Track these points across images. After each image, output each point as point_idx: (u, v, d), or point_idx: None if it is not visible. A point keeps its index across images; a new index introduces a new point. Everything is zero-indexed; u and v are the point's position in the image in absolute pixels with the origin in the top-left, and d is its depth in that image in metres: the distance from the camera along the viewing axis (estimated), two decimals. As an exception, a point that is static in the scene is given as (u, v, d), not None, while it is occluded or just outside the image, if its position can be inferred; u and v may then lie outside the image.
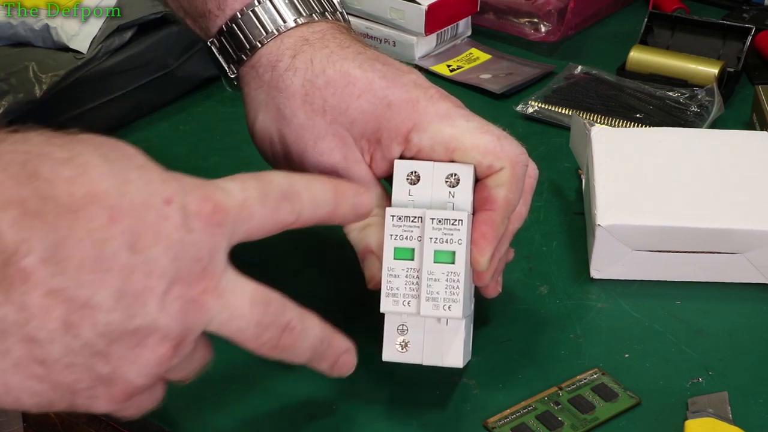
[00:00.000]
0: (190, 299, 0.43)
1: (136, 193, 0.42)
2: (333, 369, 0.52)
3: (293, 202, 0.48)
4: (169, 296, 0.42)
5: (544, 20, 0.99)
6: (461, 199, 0.55)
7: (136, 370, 0.43)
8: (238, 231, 0.46)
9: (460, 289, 0.54)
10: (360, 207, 0.52)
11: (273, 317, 0.46)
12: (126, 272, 0.41)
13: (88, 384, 0.42)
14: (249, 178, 0.47)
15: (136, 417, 0.46)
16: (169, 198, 0.43)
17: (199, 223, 0.43)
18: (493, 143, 0.55)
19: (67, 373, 0.41)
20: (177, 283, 0.43)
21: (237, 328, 0.45)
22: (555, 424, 0.56)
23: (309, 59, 0.58)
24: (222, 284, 0.45)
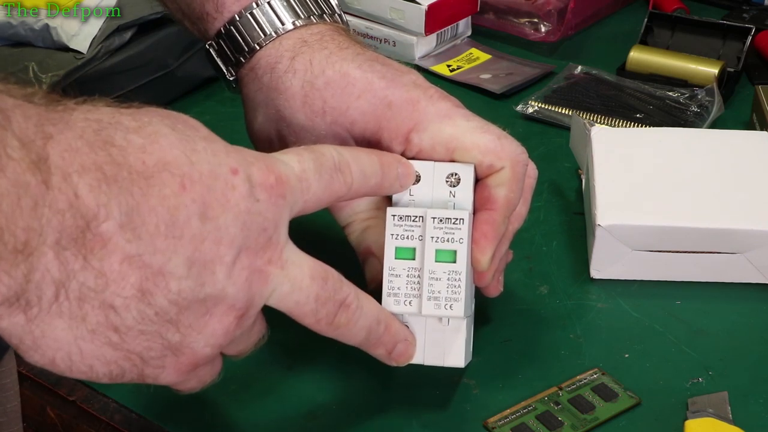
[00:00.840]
0: (255, 269, 0.44)
1: (204, 162, 0.43)
2: (390, 356, 0.53)
3: (345, 174, 0.50)
4: (237, 265, 0.43)
5: (544, 20, 0.99)
6: (462, 199, 0.55)
7: (204, 340, 0.43)
8: (298, 203, 0.47)
9: (461, 288, 0.54)
10: (404, 177, 0.54)
11: (331, 292, 0.47)
12: (197, 240, 0.42)
13: (158, 352, 0.43)
14: (303, 150, 0.49)
15: (196, 390, 0.47)
16: (234, 168, 0.44)
17: (264, 194, 0.44)
18: (493, 143, 0.55)
19: (140, 340, 0.42)
20: (244, 252, 0.43)
21: (296, 301, 0.46)
22: (555, 424, 0.56)
23: (308, 60, 0.58)
24: (284, 256, 0.45)
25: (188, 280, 0.42)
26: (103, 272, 0.40)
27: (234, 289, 0.43)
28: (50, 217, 0.38)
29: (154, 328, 0.42)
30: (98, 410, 0.60)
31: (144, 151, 0.41)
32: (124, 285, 0.41)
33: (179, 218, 0.41)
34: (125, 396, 0.60)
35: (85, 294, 0.40)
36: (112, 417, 0.59)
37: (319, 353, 0.62)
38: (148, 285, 0.41)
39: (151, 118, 0.43)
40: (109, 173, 0.40)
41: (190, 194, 0.42)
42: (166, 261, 0.41)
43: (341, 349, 0.62)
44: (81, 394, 0.61)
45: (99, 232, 0.40)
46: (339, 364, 0.61)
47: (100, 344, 0.41)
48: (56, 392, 0.61)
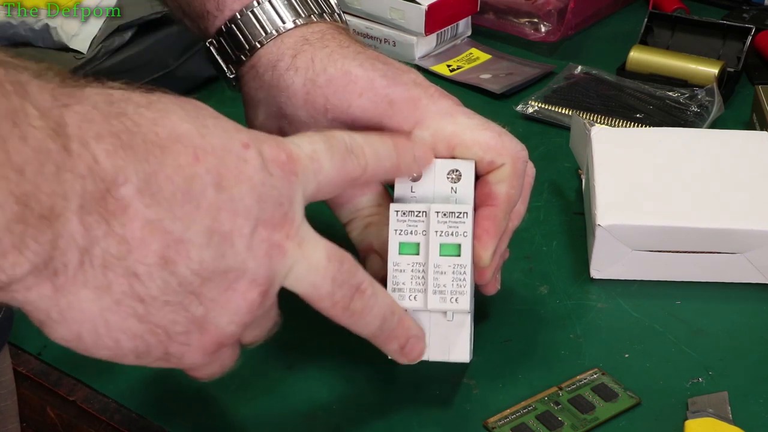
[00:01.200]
0: (274, 243, 0.44)
1: (215, 136, 0.43)
2: (402, 351, 0.52)
3: (358, 156, 0.50)
4: (255, 238, 0.43)
5: (544, 20, 0.99)
6: (463, 195, 0.55)
7: (228, 316, 0.43)
8: (311, 183, 0.47)
9: (466, 281, 0.54)
10: (421, 159, 0.54)
11: (347, 275, 0.47)
12: (214, 210, 0.42)
13: (183, 327, 0.43)
14: (313, 134, 0.49)
15: (216, 376, 0.47)
16: (246, 143, 0.44)
17: (277, 169, 0.44)
18: (494, 139, 0.56)
19: (165, 312, 0.42)
20: (261, 225, 0.43)
21: (312, 282, 0.46)
22: (555, 424, 0.56)
23: (310, 58, 0.58)
24: (301, 233, 0.45)
25: (209, 249, 0.42)
26: (125, 238, 0.40)
27: (255, 263, 0.43)
28: (72, 182, 0.39)
29: (178, 299, 0.42)
30: (98, 410, 0.60)
31: (156, 124, 0.41)
32: (146, 252, 0.40)
33: (195, 187, 0.41)
34: (125, 396, 0.60)
35: (109, 261, 0.40)
36: (112, 417, 0.59)
37: (320, 352, 0.62)
38: (170, 253, 0.41)
39: (159, 97, 0.43)
40: (125, 140, 0.40)
41: (204, 165, 0.42)
42: (185, 229, 0.41)
43: (341, 348, 0.62)
44: (81, 394, 0.61)
45: (119, 196, 0.40)
46: (339, 364, 0.61)
47: (125, 315, 0.41)
48: (56, 392, 0.61)
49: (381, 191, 0.59)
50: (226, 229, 0.42)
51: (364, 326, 0.50)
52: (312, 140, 0.48)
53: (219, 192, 0.42)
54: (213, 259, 0.42)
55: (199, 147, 0.42)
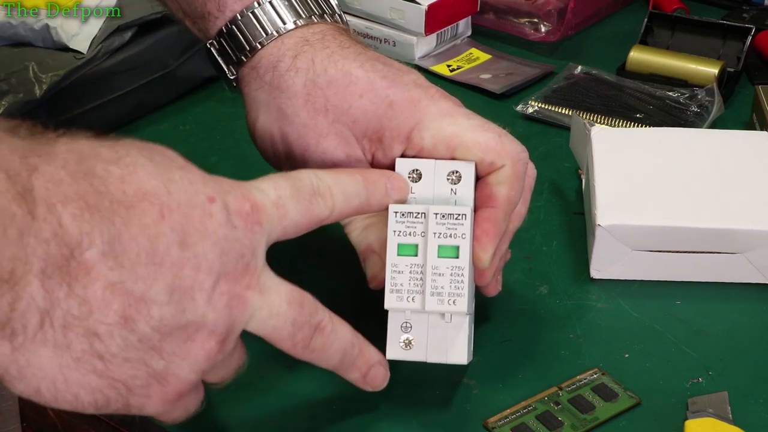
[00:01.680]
0: (234, 295, 0.45)
1: (181, 191, 0.43)
2: (365, 380, 0.53)
3: (325, 197, 0.50)
4: (216, 291, 0.44)
5: (544, 20, 0.99)
6: (463, 196, 0.55)
7: (188, 366, 0.44)
8: (275, 229, 0.48)
9: (464, 283, 0.54)
10: (394, 191, 0.54)
11: (307, 317, 0.48)
12: (177, 267, 0.42)
13: (143, 381, 0.43)
14: (279, 177, 0.49)
15: (181, 420, 0.47)
16: (211, 197, 0.44)
17: (241, 221, 0.45)
18: (494, 141, 0.56)
19: (124, 368, 0.42)
20: (223, 278, 0.44)
21: (274, 326, 0.47)
22: (555, 424, 0.56)
23: (310, 59, 0.58)
24: (262, 281, 0.46)
25: (169, 306, 0.42)
26: (86, 300, 0.41)
27: (214, 315, 0.44)
28: (35, 246, 0.39)
29: (138, 355, 0.42)
30: (98, 410, 0.59)
31: (123, 181, 0.42)
32: (107, 312, 0.41)
33: (159, 246, 0.42)
34: (125, 396, 0.60)
35: (70, 322, 0.41)
36: (112, 417, 0.59)
37: (319, 353, 0.62)
38: (131, 311, 0.42)
39: (128, 150, 0.43)
40: (91, 202, 0.41)
41: (168, 223, 0.42)
42: (147, 288, 0.42)
43: (341, 348, 0.62)
44: (81, 394, 0.60)
45: (83, 260, 0.40)
46: (339, 364, 0.61)
47: (84, 372, 0.42)
48: (56, 392, 0.61)
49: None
50: (187, 285, 0.43)
51: (326, 360, 0.51)
52: (277, 185, 0.48)
53: (183, 249, 0.43)
54: (173, 315, 0.43)
55: (165, 204, 0.43)
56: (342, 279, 0.67)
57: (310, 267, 0.69)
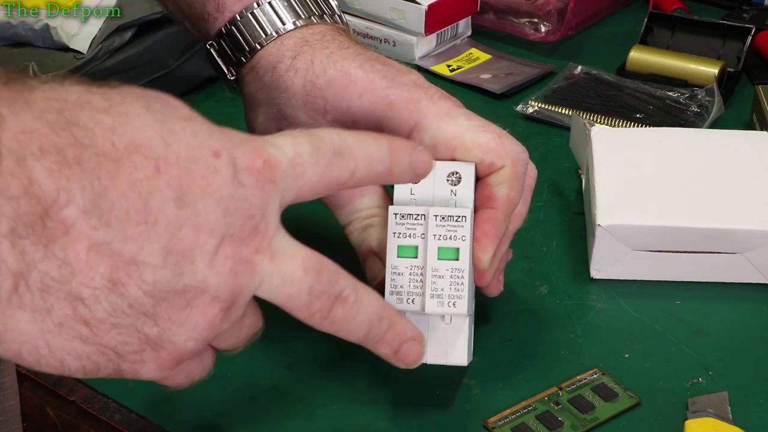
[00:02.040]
0: (241, 259, 0.41)
1: (182, 144, 0.40)
2: (396, 356, 0.49)
3: (347, 159, 0.45)
4: (219, 254, 0.40)
5: (544, 20, 0.99)
6: (463, 197, 0.55)
7: (185, 333, 0.41)
8: (290, 189, 0.43)
9: (464, 285, 0.54)
10: (418, 165, 0.49)
11: (326, 285, 0.44)
12: (173, 227, 0.39)
13: (135, 347, 0.40)
14: (299, 133, 0.45)
15: (185, 386, 0.44)
16: (217, 151, 0.40)
17: (251, 179, 0.41)
18: (494, 141, 0.56)
19: (113, 334, 0.39)
20: (227, 240, 0.40)
21: (287, 294, 0.43)
22: (555, 424, 0.56)
23: (309, 60, 0.58)
24: (274, 245, 0.42)
25: (164, 269, 0.39)
26: (67, 262, 0.37)
27: (217, 280, 0.40)
28: (2, 204, 0.36)
29: (128, 321, 0.39)
30: (98, 410, 0.60)
31: (114, 132, 0.38)
32: (92, 275, 0.38)
33: (153, 204, 0.38)
34: (125, 396, 0.60)
35: (49, 285, 0.38)
36: (112, 417, 0.59)
37: (319, 353, 0.62)
38: (120, 275, 0.38)
39: (123, 98, 0.40)
40: (71, 156, 0.37)
41: (165, 178, 0.38)
42: (138, 249, 0.38)
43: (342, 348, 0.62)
44: (81, 394, 0.61)
45: (60, 218, 0.37)
46: (339, 364, 0.61)
47: (69, 337, 0.39)
48: (56, 392, 0.61)
49: (381, 193, 0.59)
50: (185, 247, 0.39)
51: (349, 334, 0.46)
52: (296, 141, 0.44)
53: (180, 207, 0.39)
54: (168, 280, 0.39)
55: (162, 158, 0.39)
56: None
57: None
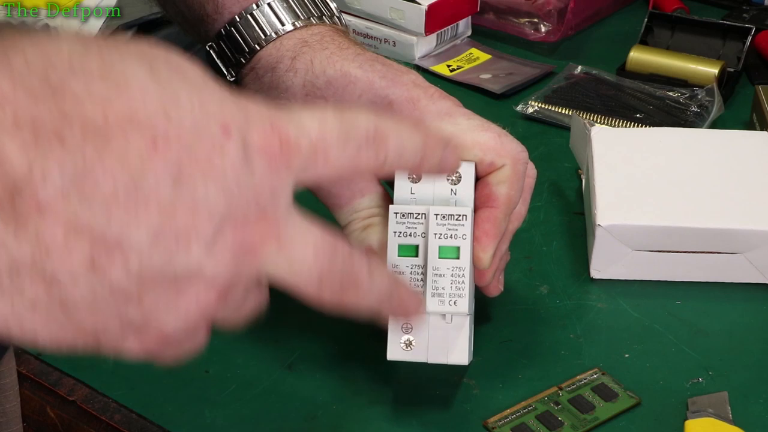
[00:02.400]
0: (243, 246, 0.37)
1: (186, 117, 0.35)
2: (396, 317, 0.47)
3: (378, 148, 0.41)
4: (219, 241, 0.36)
5: (544, 20, 0.99)
6: (463, 196, 0.55)
7: (174, 320, 0.37)
8: (308, 172, 0.39)
9: (465, 284, 0.54)
10: (446, 163, 0.45)
11: (338, 271, 0.40)
12: (167, 208, 0.35)
13: (116, 333, 0.37)
14: (330, 111, 0.40)
15: (175, 364, 0.40)
16: (226, 126, 0.36)
17: (263, 162, 0.37)
18: (494, 140, 0.56)
19: (91, 318, 0.36)
20: (228, 226, 0.36)
21: (296, 281, 0.39)
22: (555, 424, 0.56)
23: (309, 60, 0.58)
24: (283, 230, 0.38)
25: (153, 255, 0.35)
26: (40, 243, 0.34)
27: (214, 268, 0.36)
28: None
29: (109, 307, 0.36)
30: (98, 410, 0.60)
31: (108, 102, 0.34)
32: (68, 258, 0.34)
33: (145, 183, 0.34)
34: (125, 396, 0.60)
35: (19, 266, 0.34)
36: (112, 417, 0.59)
37: (320, 352, 0.62)
38: (101, 259, 0.35)
39: (124, 58, 0.35)
40: (51, 128, 0.33)
41: (162, 156, 0.34)
42: (124, 232, 0.34)
43: (341, 348, 0.62)
44: (81, 394, 0.61)
45: (33, 197, 0.34)
46: (339, 364, 0.61)
47: (43, 320, 0.36)
48: (56, 392, 0.61)
49: (381, 192, 0.59)
50: (179, 229, 0.35)
51: (357, 313, 0.43)
52: (324, 120, 0.39)
53: (177, 188, 0.35)
54: (157, 265, 0.35)
55: (162, 133, 0.35)
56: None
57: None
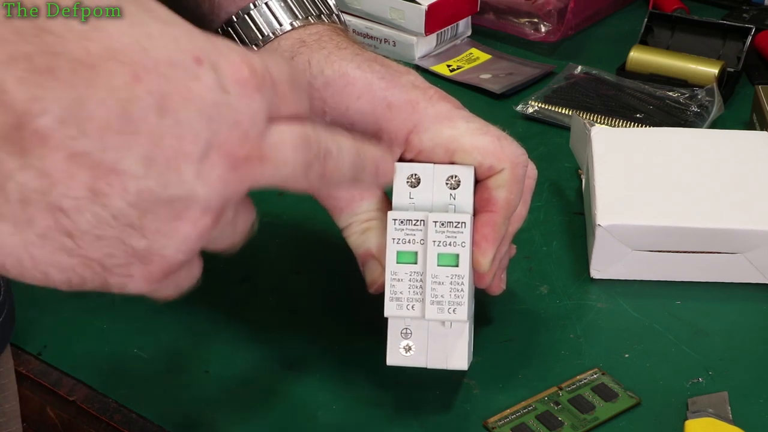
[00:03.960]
0: (230, 166, 0.39)
1: (160, 49, 0.38)
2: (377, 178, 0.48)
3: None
4: (206, 164, 0.38)
5: (544, 20, 0.99)
6: (462, 201, 0.55)
7: (175, 246, 0.39)
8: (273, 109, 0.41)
9: (464, 291, 0.54)
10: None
11: (315, 152, 0.42)
12: (155, 136, 0.37)
13: (122, 260, 0.39)
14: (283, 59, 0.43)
15: (173, 298, 0.43)
16: (198, 57, 0.38)
17: (236, 88, 0.39)
18: (493, 144, 0.55)
19: (98, 246, 0.38)
20: (214, 148, 0.39)
21: (283, 177, 0.42)
22: (555, 424, 0.56)
23: (306, 61, 0.58)
24: (264, 147, 0.40)
25: (148, 179, 0.37)
26: (46, 172, 0.36)
27: (206, 190, 0.39)
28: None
29: (113, 233, 0.38)
30: (98, 410, 0.60)
31: (87, 39, 0.37)
32: (72, 185, 0.37)
33: (133, 112, 0.37)
34: (125, 396, 0.60)
35: (28, 196, 0.37)
36: (112, 417, 0.59)
37: (319, 353, 0.62)
38: (101, 185, 0.37)
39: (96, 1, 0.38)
40: (42, 63, 0.36)
41: (145, 86, 0.37)
42: (119, 158, 0.37)
43: (341, 349, 0.62)
44: (81, 394, 0.61)
45: (35, 128, 0.36)
46: (339, 364, 0.61)
47: (52, 250, 0.38)
48: (56, 392, 0.61)
49: (380, 196, 0.59)
50: (169, 156, 0.38)
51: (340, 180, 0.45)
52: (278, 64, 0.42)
53: (162, 116, 0.37)
54: (153, 190, 0.38)
55: (140, 64, 0.37)
56: (341, 280, 0.67)
57: (309, 270, 0.69)
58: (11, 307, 0.60)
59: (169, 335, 0.64)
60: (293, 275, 0.69)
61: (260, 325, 0.64)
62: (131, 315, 0.65)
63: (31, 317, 0.64)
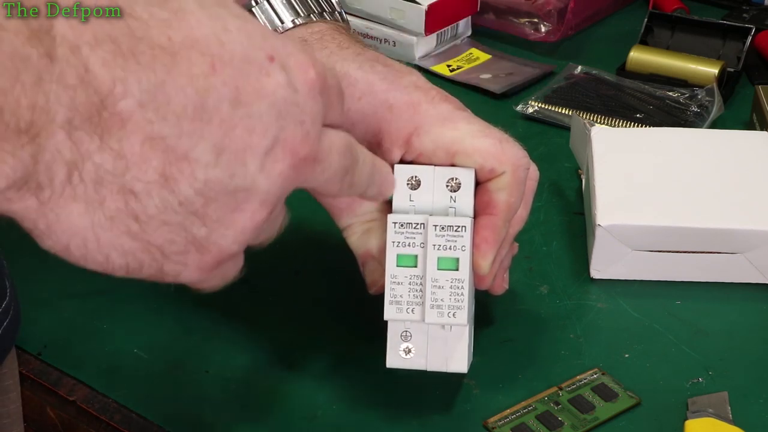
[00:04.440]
0: (290, 164, 0.41)
1: (236, 43, 0.39)
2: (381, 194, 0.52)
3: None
4: (270, 158, 0.40)
5: (544, 20, 0.99)
6: (463, 204, 0.55)
7: (232, 236, 0.40)
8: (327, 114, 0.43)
9: (464, 296, 0.53)
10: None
11: (351, 159, 0.45)
12: (227, 126, 0.38)
13: (181, 247, 0.40)
14: None
15: (217, 288, 0.44)
16: (271, 55, 0.40)
17: (304, 88, 0.41)
18: (494, 147, 0.55)
19: (161, 231, 0.39)
20: (279, 144, 0.40)
21: (324, 181, 0.44)
22: (555, 424, 0.56)
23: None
24: (319, 150, 0.42)
25: (216, 168, 0.38)
26: (122, 154, 0.37)
27: (267, 183, 0.40)
28: (59, 93, 0.35)
29: (177, 219, 0.39)
30: (98, 410, 0.60)
31: (169, 27, 0.37)
32: (145, 169, 0.37)
33: (209, 101, 0.38)
34: (125, 396, 0.60)
35: (103, 177, 0.37)
36: (112, 417, 0.59)
37: (320, 352, 0.62)
38: (172, 170, 0.38)
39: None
40: (126, 46, 0.36)
41: (221, 76, 0.38)
42: (192, 146, 0.38)
43: (341, 349, 0.62)
44: (81, 394, 0.61)
45: (116, 110, 0.36)
46: (339, 365, 0.61)
47: (118, 233, 0.38)
48: (56, 392, 0.61)
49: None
50: (238, 147, 0.39)
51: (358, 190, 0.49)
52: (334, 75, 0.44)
53: (235, 107, 0.38)
54: (220, 179, 0.39)
55: (218, 56, 0.38)
56: (341, 280, 0.67)
57: (309, 270, 0.69)
58: (17, 310, 0.60)
59: (169, 335, 0.64)
60: (293, 275, 0.69)
61: (260, 325, 0.64)
62: (131, 315, 0.65)
63: (31, 317, 0.64)
